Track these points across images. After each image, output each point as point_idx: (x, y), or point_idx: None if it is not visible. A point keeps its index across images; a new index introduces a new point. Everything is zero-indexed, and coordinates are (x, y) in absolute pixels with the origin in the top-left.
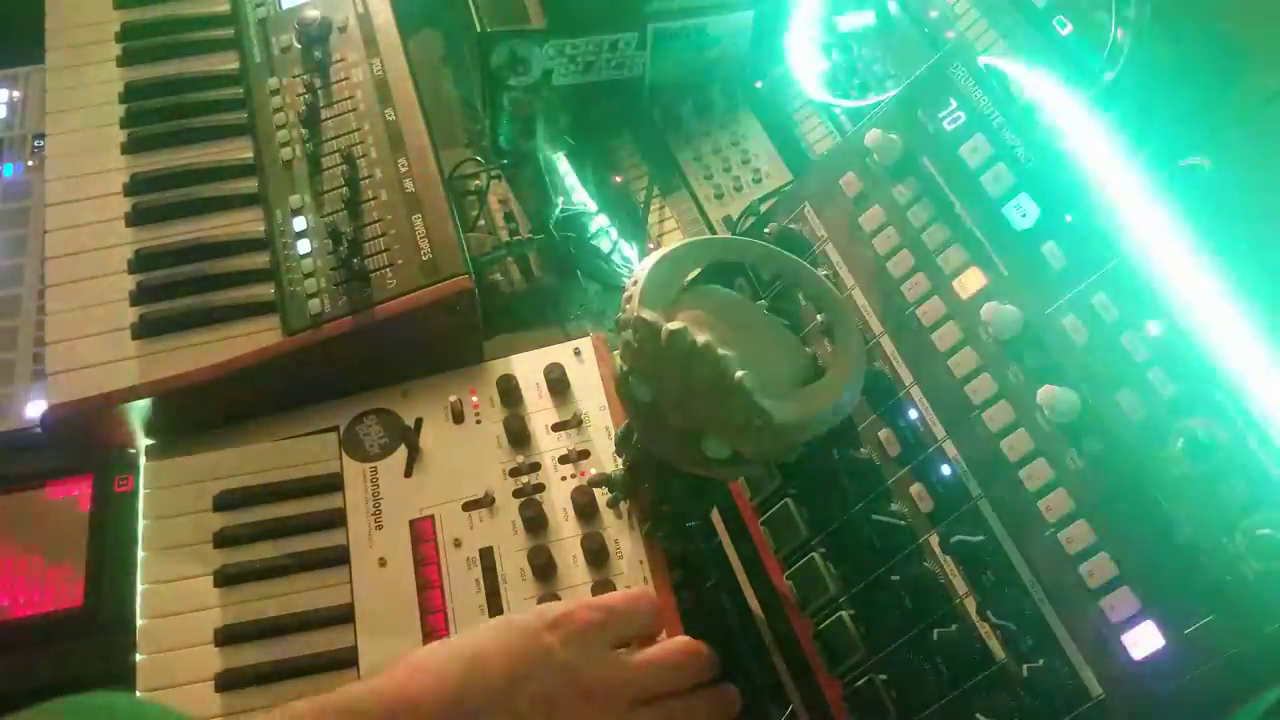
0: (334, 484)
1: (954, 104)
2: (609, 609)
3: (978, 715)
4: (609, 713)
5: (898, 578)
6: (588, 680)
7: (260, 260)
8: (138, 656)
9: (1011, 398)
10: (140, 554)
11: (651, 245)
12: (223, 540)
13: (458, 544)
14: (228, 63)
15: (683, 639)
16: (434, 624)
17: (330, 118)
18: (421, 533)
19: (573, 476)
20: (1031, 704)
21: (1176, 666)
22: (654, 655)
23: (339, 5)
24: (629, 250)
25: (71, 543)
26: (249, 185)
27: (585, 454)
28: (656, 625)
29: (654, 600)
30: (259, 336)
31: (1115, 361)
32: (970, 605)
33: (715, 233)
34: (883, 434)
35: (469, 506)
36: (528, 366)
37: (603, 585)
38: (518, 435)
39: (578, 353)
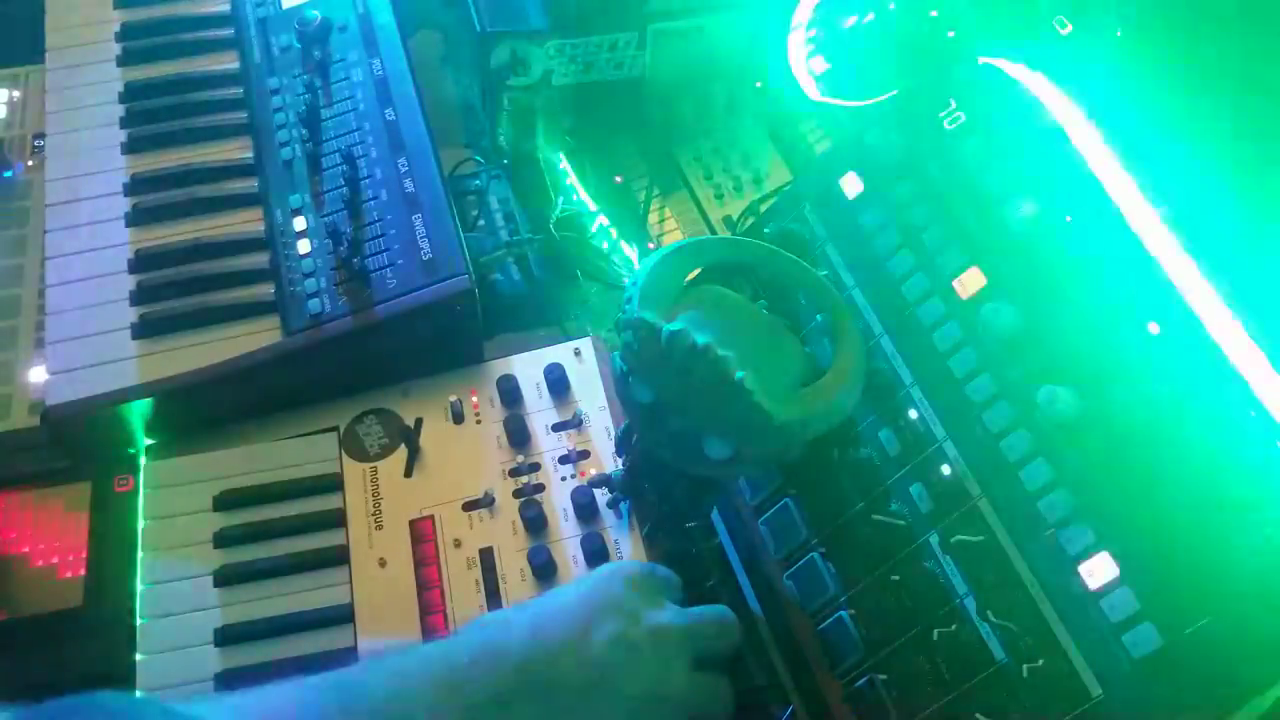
0: (334, 484)
1: (954, 104)
2: (655, 567)
3: (978, 715)
4: (679, 659)
5: (898, 578)
6: (658, 625)
7: (260, 260)
8: (138, 656)
9: (1011, 398)
10: (140, 554)
11: (651, 245)
12: (223, 540)
13: (458, 544)
14: (228, 63)
15: (721, 605)
16: (434, 624)
17: (330, 118)
18: (421, 533)
19: (573, 476)
20: (1031, 704)
21: (1176, 666)
22: (705, 612)
23: (339, 5)
24: (629, 250)
25: (71, 543)
26: (249, 185)
27: (585, 454)
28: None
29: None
30: (259, 336)
31: (1115, 361)
32: (970, 605)
33: (715, 233)
34: (883, 434)
35: (469, 506)
36: (528, 366)
37: None
38: (518, 435)
39: (578, 353)
